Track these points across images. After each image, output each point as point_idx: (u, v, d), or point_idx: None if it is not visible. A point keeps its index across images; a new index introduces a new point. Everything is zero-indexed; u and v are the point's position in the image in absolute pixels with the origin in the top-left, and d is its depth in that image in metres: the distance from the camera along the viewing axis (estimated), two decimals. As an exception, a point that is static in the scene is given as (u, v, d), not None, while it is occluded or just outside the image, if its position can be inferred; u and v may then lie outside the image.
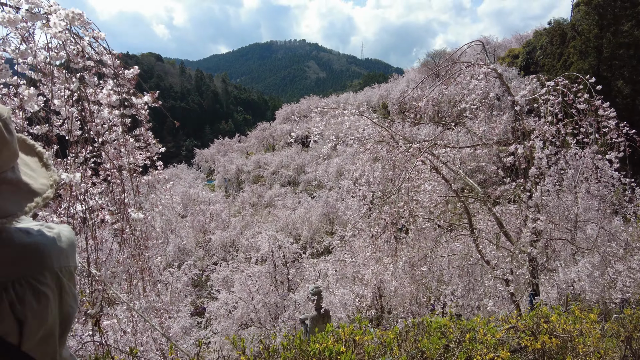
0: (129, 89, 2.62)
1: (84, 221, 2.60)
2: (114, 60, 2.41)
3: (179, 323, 15.51)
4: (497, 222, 6.34)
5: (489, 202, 6.55)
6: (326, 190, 33.32)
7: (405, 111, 7.49)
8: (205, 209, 35.41)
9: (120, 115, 3.26)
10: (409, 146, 5.48)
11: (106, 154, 2.86)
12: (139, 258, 3.14)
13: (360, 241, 7.10)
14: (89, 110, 2.40)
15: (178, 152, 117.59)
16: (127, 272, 3.42)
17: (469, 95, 5.60)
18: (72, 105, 2.47)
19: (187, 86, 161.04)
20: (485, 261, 6.13)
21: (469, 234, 6.58)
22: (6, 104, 2.45)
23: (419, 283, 6.44)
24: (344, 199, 7.17)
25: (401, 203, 5.26)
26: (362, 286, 7.23)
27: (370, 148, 6.16)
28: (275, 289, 17.01)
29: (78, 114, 2.52)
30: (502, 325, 3.27)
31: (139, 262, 3.15)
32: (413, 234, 5.91)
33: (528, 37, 46.19)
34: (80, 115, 2.59)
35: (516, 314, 5.73)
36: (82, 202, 2.52)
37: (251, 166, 55.62)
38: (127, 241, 3.27)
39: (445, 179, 6.17)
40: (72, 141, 2.62)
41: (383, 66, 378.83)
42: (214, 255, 29.37)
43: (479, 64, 5.89)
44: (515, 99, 5.01)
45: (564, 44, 33.25)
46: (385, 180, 6.01)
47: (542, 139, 5.14)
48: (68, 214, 2.49)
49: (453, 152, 5.74)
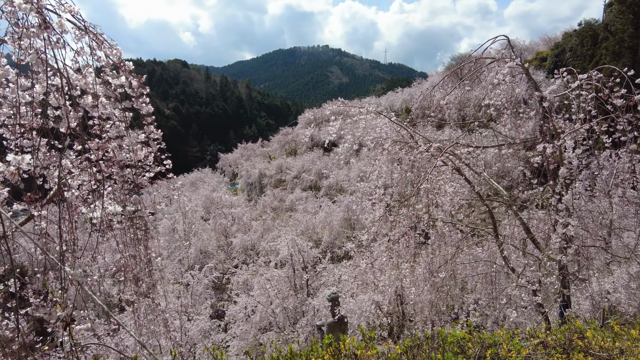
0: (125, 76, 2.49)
1: (60, 214, 2.48)
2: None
3: (197, 325, 15.52)
4: (524, 228, 5.94)
5: (515, 206, 6.16)
6: (347, 195, 33.01)
7: (428, 115, 7.19)
8: (228, 212, 35.73)
9: (122, 109, 3.15)
10: (429, 146, 5.19)
11: (94, 149, 2.74)
12: (140, 258, 3.01)
13: (380, 246, 6.82)
14: (63, 93, 2.26)
15: (203, 157, 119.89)
16: (126, 271, 3.29)
17: (493, 91, 5.26)
18: (64, 95, 2.36)
19: (212, 92, 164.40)
20: (510, 269, 5.74)
21: (493, 239, 6.20)
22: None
23: (440, 291, 6.09)
24: (362, 201, 6.91)
25: (420, 205, 4.96)
26: (379, 293, 6.95)
27: (388, 148, 5.90)
28: (294, 294, 16.84)
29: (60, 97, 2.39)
30: (529, 340, 2.94)
31: (139, 263, 3.02)
32: (433, 239, 5.58)
33: (557, 39, 44.57)
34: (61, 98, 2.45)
35: (545, 327, 5.31)
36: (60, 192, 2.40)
37: (273, 170, 55.96)
38: (126, 240, 3.15)
39: (468, 181, 5.83)
40: (64, 133, 2.52)
41: (406, 70, 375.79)
42: (235, 258, 29.50)
43: (504, 59, 5.55)
44: (543, 95, 4.66)
45: (595, 45, 31.93)
46: (403, 182, 5.73)
47: (573, 138, 4.75)
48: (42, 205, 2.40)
49: (477, 152, 5.40)
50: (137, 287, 3.36)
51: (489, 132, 8.65)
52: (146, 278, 3.07)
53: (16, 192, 2.92)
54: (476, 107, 6.43)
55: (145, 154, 3.68)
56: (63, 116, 2.46)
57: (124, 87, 2.89)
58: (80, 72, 2.40)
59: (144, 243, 2.97)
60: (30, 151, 2.61)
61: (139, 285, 3.39)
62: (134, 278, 3.31)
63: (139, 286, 3.26)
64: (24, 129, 2.65)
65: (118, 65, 2.45)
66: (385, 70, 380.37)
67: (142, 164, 3.66)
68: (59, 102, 2.31)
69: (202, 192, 44.55)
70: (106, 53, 2.70)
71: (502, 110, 5.42)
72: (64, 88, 2.21)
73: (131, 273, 3.29)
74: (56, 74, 2.25)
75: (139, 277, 3.30)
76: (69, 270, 1.87)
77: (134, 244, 3.07)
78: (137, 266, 3.08)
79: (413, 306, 8.03)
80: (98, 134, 3.37)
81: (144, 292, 3.25)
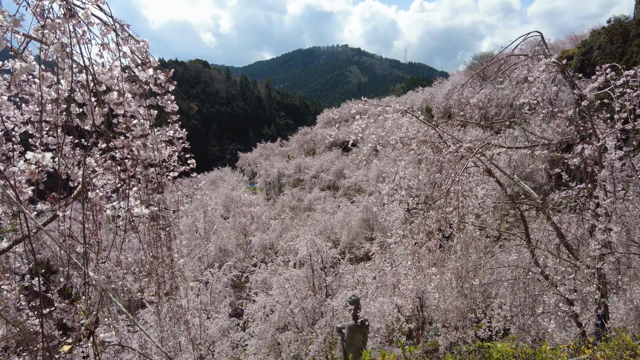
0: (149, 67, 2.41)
1: (84, 214, 2.42)
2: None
3: (216, 324, 15.61)
4: (557, 232, 5.64)
5: (548, 210, 5.87)
6: (366, 195, 32.75)
7: (450, 115, 6.93)
8: (247, 211, 35.97)
9: (146, 107, 3.08)
10: (459, 146, 4.98)
11: (119, 147, 2.67)
12: (162, 259, 2.94)
13: (402, 249, 6.63)
14: (89, 89, 2.19)
15: (223, 156, 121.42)
16: (150, 274, 3.23)
17: (529, 89, 5.00)
18: (91, 91, 2.30)
19: (232, 92, 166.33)
20: (543, 275, 5.47)
21: (524, 244, 5.92)
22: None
23: (468, 298, 5.86)
24: (384, 203, 6.72)
25: (450, 208, 4.76)
26: (401, 297, 6.76)
27: (415, 149, 5.70)
28: (312, 294, 16.74)
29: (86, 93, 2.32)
30: (575, 355, 2.73)
31: (161, 265, 2.94)
32: (462, 243, 5.35)
33: (584, 37, 42.96)
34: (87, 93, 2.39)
35: (580, 338, 5.03)
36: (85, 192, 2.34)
37: (292, 170, 56.10)
38: (149, 240, 3.08)
39: (499, 183, 5.58)
40: (89, 130, 2.45)
41: (427, 70, 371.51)
42: (254, 257, 29.65)
43: (537, 55, 5.28)
44: (582, 93, 4.40)
45: (626, 42, 30.68)
46: (430, 183, 5.53)
47: (615, 138, 4.46)
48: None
49: (509, 152, 5.15)
50: (159, 288, 3.30)
51: (519, 133, 8.33)
52: (168, 280, 3.01)
53: (41, 191, 2.89)
54: (507, 106, 6.15)
55: (170, 153, 3.62)
56: (88, 113, 2.40)
57: (149, 84, 2.81)
58: (105, 67, 2.34)
59: (166, 244, 2.90)
60: (55, 149, 2.56)
61: (160, 287, 3.33)
62: (156, 279, 3.24)
63: (161, 287, 3.20)
64: (49, 127, 2.61)
65: (144, 61, 2.38)
66: (405, 70, 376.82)
67: (166, 164, 3.60)
68: (84, 98, 2.25)
69: (221, 190, 45.02)
70: (131, 49, 2.63)
71: (537, 109, 5.15)
72: (89, 84, 2.15)
73: (154, 274, 3.23)
74: (82, 70, 2.19)
75: (160, 279, 3.24)
76: (92, 275, 1.80)
77: (156, 245, 3.01)
78: (160, 267, 3.01)
79: (437, 311, 7.81)
80: (123, 132, 3.32)
81: (166, 293, 3.19)
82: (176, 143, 3.10)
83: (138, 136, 3.36)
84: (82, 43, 2.04)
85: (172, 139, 3.59)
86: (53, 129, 3.25)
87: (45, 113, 2.50)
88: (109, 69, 2.36)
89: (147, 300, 3.31)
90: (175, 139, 3.50)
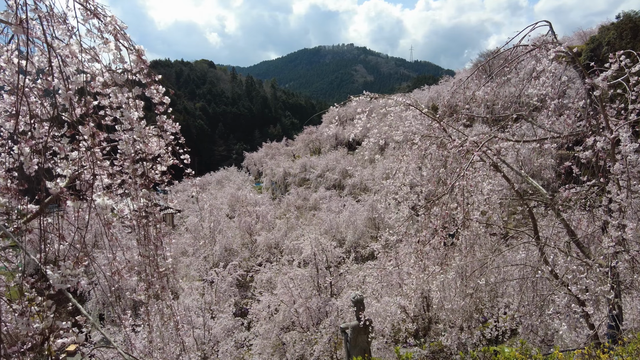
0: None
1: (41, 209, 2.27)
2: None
3: (220, 324, 15.50)
4: (567, 229, 5.42)
5: (557, 206, 5.64)
6: (372, 194, 32.51)
7: (455, 111, 6.71)
8: (252, 210, 35.91)
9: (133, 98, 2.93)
10: (464, 140, 4.78)
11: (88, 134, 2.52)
12: (152, 258, 2.79)
13: (407, 248, 6.44)
14: (51, 67, 2.03)
15: (229, 155, 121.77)
16: (140, 273, 3.09)
17: (537, 79, 4.78)
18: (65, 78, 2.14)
19: (238, 92, 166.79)
20: (553, 274, 5.25)
21: (533, 242, 5.70)
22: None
23: (473, 297, 5.65)
24: (387, 200, 6.53)
25: (454, 204, 4.57)
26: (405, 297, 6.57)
27: (418, 143, 5.51)
28: (317, 294, 16.57)
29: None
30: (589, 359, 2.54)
31: (151, 264, 2.80)
32: (467, 241, 5.14)
33: (592, 34, 42.22)
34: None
35: (592, 341, 4.82)
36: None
37: (297, 169, 55.99)
38: (139, 239, 2.93)
39: (506, 178, 5.37)
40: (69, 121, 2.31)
41: (433, 68, 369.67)
42: (259, 256, 29.58)
43: (546, 45, 5.06)
44: (594, 82, 4.17)
45: (636, 37, 30.11)
46: (434, 179, 5.33)
47: (629, 130, 4.24)
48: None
49: (517, 146, 4.93)
50: (149, 288, 3.15)
51: (526, 129, 8.08)
52: (157, 280, 2.85)
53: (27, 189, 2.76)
54: (513, 104, 5.92)
55: (161, 146, 3.47)
56: (65, 100, 2.26)
57: (132, 72, 2.65)
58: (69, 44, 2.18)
59: (154, 242, 2.75)
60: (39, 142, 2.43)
61: (150, 287, 3.18)
62: (145, 279, 3.10)
63: (151, 287, 3.05)
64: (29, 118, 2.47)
65: (115, 35, 2.21)
66: (410, 68, 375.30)
67: (160, 159, 3.45)
68: (46, 81, 2.10)
69: (227, 190, 45.05)
70: (115, 35, 2.47)
71: (547, 100, 4.93)
72: (51, 61, 2.00)
73: (144, 273, 3.08)
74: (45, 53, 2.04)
75: (149, 279, 3.09)
76: (50, 273, 1.65)
77: (145, 243, 2.86)
78: (148, 267, 2.87)
79: (441, 311, 7.60)
80: (110, 124, 3.17)
81: (155, 294, 3.04)
82: (164, 135, 2.95)
83: (127, 129, 3.22)
84: (49, 21, 1.89)
85: (162, 132, 3.43)
86: (37, 121, 3.11)
87: (26, 100, 2.36)
88: (68, 43, 2.19)
89: (136, 299, 3.16)
90: (163, 131, 3.34)
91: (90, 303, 21.76)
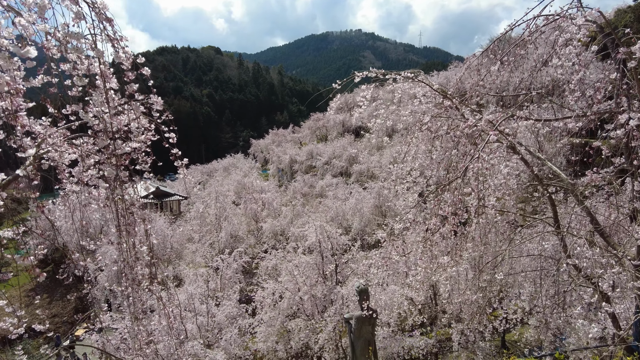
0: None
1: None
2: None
3: (223, 311, 15.35)
4: (590, 218, 4.98)
5: (579, 192, 5.20)
6: (379, 182, 32.09)
7: (465, 99, 6.22)
8: (258, 197, 35.74)
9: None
10: (478, 118, 4.35)
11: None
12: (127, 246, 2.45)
13: (414, 236, 6.05)
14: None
15: (236, 143, 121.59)
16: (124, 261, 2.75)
17: (564, 48, 4.28)
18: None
19: (244, 78, 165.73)
20: (574, 267, 4.83)
21: (551, 230, 5.27)
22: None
23: (485, 290, 5.26)
24: (395, 187, 6.12)
25: (468, 189, 4.15)
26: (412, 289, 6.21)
27: (429, 124, 5.08)
28: (322, 281, 16.32)
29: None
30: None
31: (127, 251, 2.46)
32: (481, 230, 4.72)
33: (608, 17, 40.86)
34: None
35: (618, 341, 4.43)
36: None
37: (304, 156, 55.63)
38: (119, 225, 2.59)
39: (525, 161, 4.92)
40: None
41: (442, 54, 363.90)
42: (265, 243, 29.46)
43: (571, 14, 4.56)
44: (630, 51, 3.69)
45: (654, 20, 28.85)
46: (445, 162, 4.91)
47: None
48: None
49: (537, 125, 4.46)
50: (133, 278, 2.83)
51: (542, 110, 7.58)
52: (129, 270, 2.52)
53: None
54: (529, 78, 5.41)
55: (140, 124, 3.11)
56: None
57: (93, 34, 2.27)
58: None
59: (126, 228, 2.40)
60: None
61: (133, 275, 2.85)
62: (124, 267, 2.77)
63: (127, 275, 2.72)
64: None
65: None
66: (419, 54, 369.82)
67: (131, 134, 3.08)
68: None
69: (234, 177, 44.94)
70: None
71: (570, 76, 4.44)
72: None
73: (124, 262, 2.75)
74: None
75: (128, 266, 2.75)
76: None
77: (118, 230, 2.52)
78: (124, 254, 2.54)
79: (449, 304, 7.24)
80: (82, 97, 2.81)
81: (137, 282, 2.72)
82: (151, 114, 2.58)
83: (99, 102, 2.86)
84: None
85: (149, 110, 3.09)
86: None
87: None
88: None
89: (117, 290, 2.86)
90: (153, 109, 3.00)
91: (97, 289, 21.83)
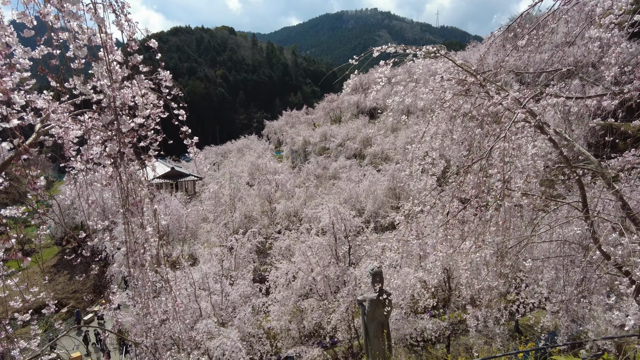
0: None
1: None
2: None
3: (237, 290, 15.53)
4: (622, 202, 4.70)
5: (609, 175, 4.91)
6: (393, 164, 31.72)
7: (489, 76, 5.87)
8: (272, 178, 35.84)
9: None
10: (504, 96, 4.07)
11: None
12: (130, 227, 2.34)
13: (429, 219, 5.85)
14: None
15: (250, 124, 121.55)
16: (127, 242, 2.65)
17: (605, 17, 3.93)
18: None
19: (258, 59, 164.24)
20: (602, 253, 4.59)
21: (579, 215, 5.01)
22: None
23: (506, 277, 5.06)
24: (411, 168, 5.89)
25: (493, 170, 3.91)
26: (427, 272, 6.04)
27: (450, 102, 4.81)
28: (335, 262, 16.34)
29: None
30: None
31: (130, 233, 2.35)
32: (506, 214, 4.48)
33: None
34: None
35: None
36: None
37: (317, 138, 55.31)
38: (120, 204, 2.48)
39: (553, 141, 4.63)
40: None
41: (460, 34, 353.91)
42: (278, 224, 29.64)
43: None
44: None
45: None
46: (468, 142, 4.67)
47: None
48: None
49: (567, 103, 4.16)
50: (134, 258, 2.73)
51: (576, 83, 7.16)
52: (131, 253, 2.43)
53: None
54: (563, 46, 5.03)
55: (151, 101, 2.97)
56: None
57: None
58: None
59: (130, 208, 2.28)
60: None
61: (136, 255, 2.76)
62: (128, 248, 2.67)
63: (137, 256, 2.63)
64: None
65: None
66: (436, 34, 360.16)
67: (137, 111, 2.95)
68: None
69: (247, 158, 45.04)
70: None
71: (609, 51, 4.09)
72: None
73: (126, 244, 2.65)
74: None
75: (134, 246, 2.66)
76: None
77: (124, 211, 2.40)
78: (129, 235, 2.44)
79: (468, 288, 7.06)
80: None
81: (141, 265, 2.63)
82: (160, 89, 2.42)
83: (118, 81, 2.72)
84: None
85: (158, 87, 2.95)
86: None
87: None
88: None
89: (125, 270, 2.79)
90: (162, 85, 2.86)
91: (114, 267, 22.33)
